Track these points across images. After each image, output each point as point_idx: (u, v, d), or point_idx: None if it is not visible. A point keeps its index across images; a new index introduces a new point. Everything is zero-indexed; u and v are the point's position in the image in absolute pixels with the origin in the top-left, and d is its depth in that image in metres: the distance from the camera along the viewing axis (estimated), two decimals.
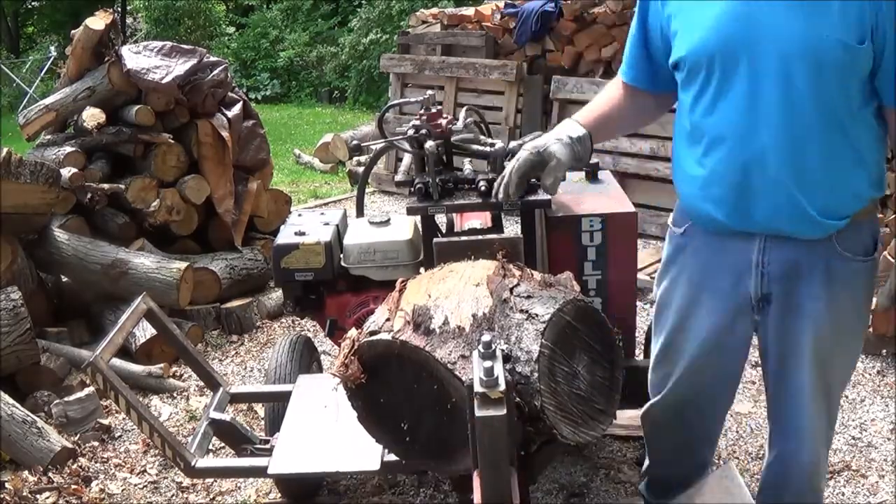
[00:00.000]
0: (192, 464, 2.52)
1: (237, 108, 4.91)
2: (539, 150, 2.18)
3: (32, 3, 20.50)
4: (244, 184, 4.93)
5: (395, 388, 1.94)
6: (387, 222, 3.10)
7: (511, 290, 1.96)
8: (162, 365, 3.82)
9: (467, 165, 2.87)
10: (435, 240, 2.64)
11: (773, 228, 1.88)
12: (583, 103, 6.38)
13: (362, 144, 3.33)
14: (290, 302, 3.15)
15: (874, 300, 2.08)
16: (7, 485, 2.98)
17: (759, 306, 1.98)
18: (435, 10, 7.89)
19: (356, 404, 2.01)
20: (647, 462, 2.47)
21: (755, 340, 2.10)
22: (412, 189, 2.71)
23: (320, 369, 3.27)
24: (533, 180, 2.70)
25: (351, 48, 12.61)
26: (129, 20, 18.58)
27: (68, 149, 4.41)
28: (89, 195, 4.26)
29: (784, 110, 1.78)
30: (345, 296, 3.09)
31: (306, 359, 3.03)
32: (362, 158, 7.50)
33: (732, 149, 1.85)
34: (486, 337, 1.75)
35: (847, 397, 3.52)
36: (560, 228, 2.73)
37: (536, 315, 1.87)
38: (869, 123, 1.86)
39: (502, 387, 1.67)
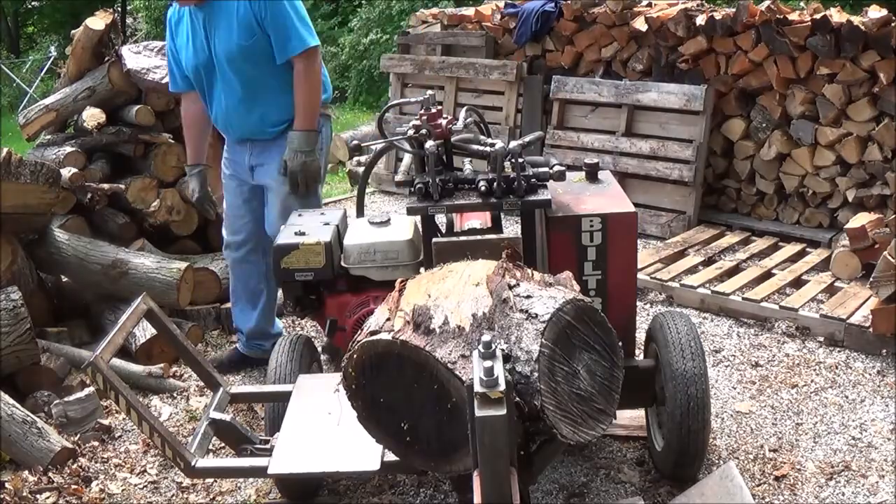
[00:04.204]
0: (192, 464, 2.52)
1: None
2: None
3: (32, 3, 20.50)
4: None
5: (396, 388, 1.94)
6: (387, 222, 3.10)
7: (511, 289, 1.97)
8: (162, 365, 3.82)
9: (467, 165, 2.87)
10: (434, 240, 2.64)
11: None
12: (583, 103, 6.44)
13: (362, 144, 3.34)
14: (290, 302, 3.15)
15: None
16: (7, 485, 2.98)
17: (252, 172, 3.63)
18: (435, 10, 7.88)
19: (356, 404, 2.01)
20: None
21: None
22: (412, 189, 2.71)
23: (320, 369, 3.26)
24: (534, 179, 2.71)
25: (351, 48, 12.59)
26: (129, 20, 18.59)
27: (68, 149, 4.41)
28: (89, 195, 4.25)
29: (225, 87, 3.47)
30: (345, 296, 3.09)
31: (306, 359, 3.03)
32: (362, 158, 7.49)
33: (215, 107, 3.57)
34: (486, 337, 1.75)
35: (847, 397, 3.52)
36: (560, 228, 2.73)
37: (536, 315, 1.87)
38: (283, 79, 3.39)
39: (502, 387, 1.67)
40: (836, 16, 5.09)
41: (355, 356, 1.97)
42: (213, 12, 3.37)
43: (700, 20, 5.41)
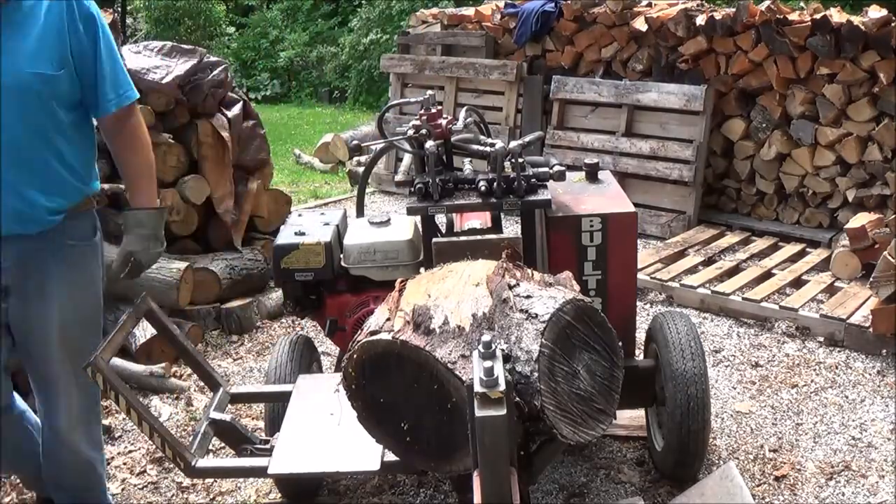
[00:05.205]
0: (192, 464, 2.52)
1: (237, 109, 4.90)
2: None
3: None
4: (244, 184, 4.92)
5: (395, 388, 1.94)
6: (387, 222, 3.10)
7: (511, 289, 1.97)
8: (163, 364, 3.81)
9: (467, 165, 2.87)
10: (434, 240, 2.64)
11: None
12: (583, 103, 6.43)
13: (362, 144, 3.34)
14: (290, 302, 3.15)
15: None
16: (8, 485, 2.98)
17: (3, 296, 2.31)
18: (435, 10, 7.88)
19: (356, 404, 2.01)
20: None
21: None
22: (412, 189, 2.71)
23: (320, 369, 3.27)
24: (534, 179, 2.71)
25: (351, 48, 12.60)
26: (129, 20, 18.56)
27: None
28: None
29: None
30: (345, 296, 3.09)
31: (306, 359, 3.03)
32: (362, 158, 7.50)
33: None
34: (486, 337, 1.75)
35: (847, 397, 3.52)
36: (560, 228, 2.73)
37: (536, 315, 1.87)
38: (82, 136, 2.40)
39: (502, 387, 1.67)
40: (836, 16, 5.09)
41: (355, 356, 1.96)
42: (10, 17, 2.14)
43: (700, 20, 5.41)
